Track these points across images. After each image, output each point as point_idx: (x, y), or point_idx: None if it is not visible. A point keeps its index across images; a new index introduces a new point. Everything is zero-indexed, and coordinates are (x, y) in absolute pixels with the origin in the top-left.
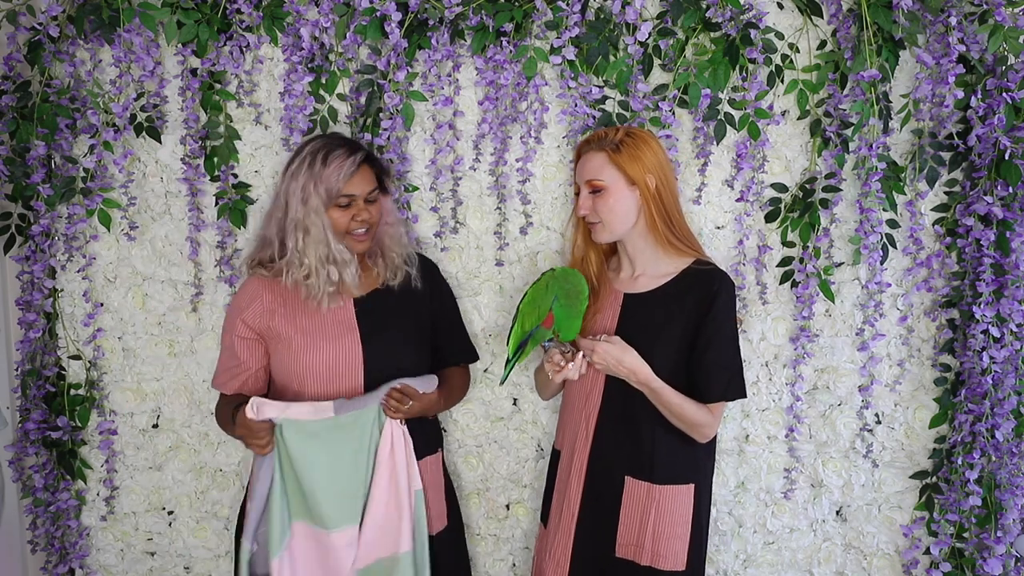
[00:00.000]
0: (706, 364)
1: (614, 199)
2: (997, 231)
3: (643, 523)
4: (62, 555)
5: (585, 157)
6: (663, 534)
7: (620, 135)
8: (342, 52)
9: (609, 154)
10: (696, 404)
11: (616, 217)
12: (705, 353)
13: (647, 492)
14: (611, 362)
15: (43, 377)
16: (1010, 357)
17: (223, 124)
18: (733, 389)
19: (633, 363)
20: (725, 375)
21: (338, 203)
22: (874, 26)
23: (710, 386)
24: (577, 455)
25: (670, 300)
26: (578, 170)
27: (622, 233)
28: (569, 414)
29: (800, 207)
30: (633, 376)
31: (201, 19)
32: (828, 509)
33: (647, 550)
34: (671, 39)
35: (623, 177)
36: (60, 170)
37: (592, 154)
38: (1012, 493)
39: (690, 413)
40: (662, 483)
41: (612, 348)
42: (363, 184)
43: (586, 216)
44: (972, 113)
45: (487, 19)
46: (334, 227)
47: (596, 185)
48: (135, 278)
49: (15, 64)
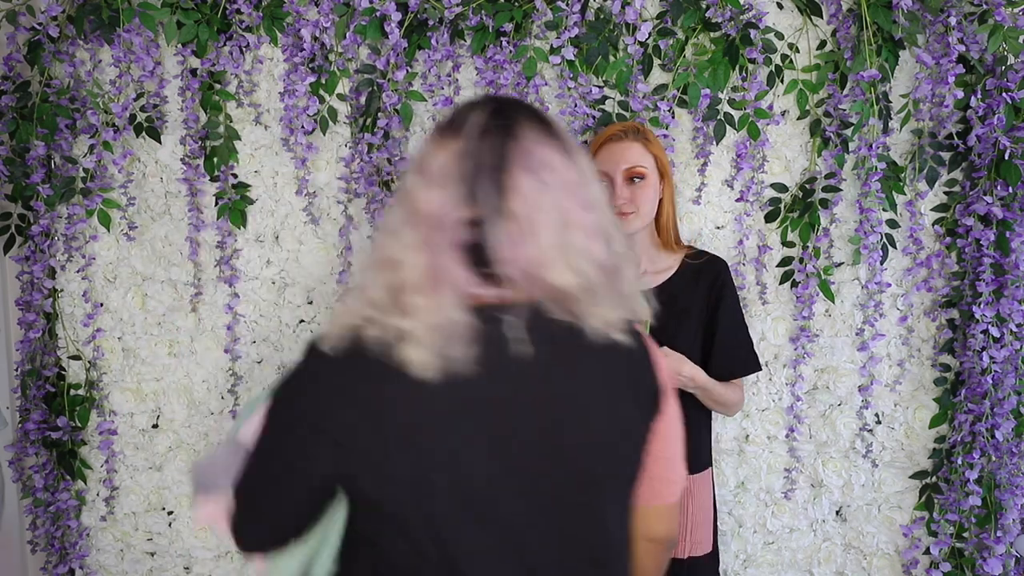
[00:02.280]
0: (726, 345)
1: (653, 189)
2: (997, 231)
3: (684, 517)
4: (62, 555)
5: (619, 146)
6: (698, 521)
7: (644, 129)
8: (342, 52)
9: (644, 144)
10: (731, 386)
11: (651, 207)
12: (724, 336)
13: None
14: (671, 375)
15: (43, 377)
16: (1010, 357)
17: (223, 124)
18: (751, 363)
19: (692, 371)
20: (742, 352)
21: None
22: (874, 26)
23: (733, 365)
24: None
25: (682, 292)
26: (606, 159)
27: (647, 224)
28: None
29: (800, 207)
30: (692, 383)
31: (201, 19)
32: (828, 509)
33: (687, 541)
34: (671, 39)
35: (657, 167)
36: (60, 170)
37: (628, 143)
38: (1012, 493)
39: (731, 396)
40: (694, 472)
41: (671, 361)
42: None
43: (622, 206)
44: (972, 113)
45: (487, 19)
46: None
47: (639, 172)
48: (135, 278)
49: (15, 64)
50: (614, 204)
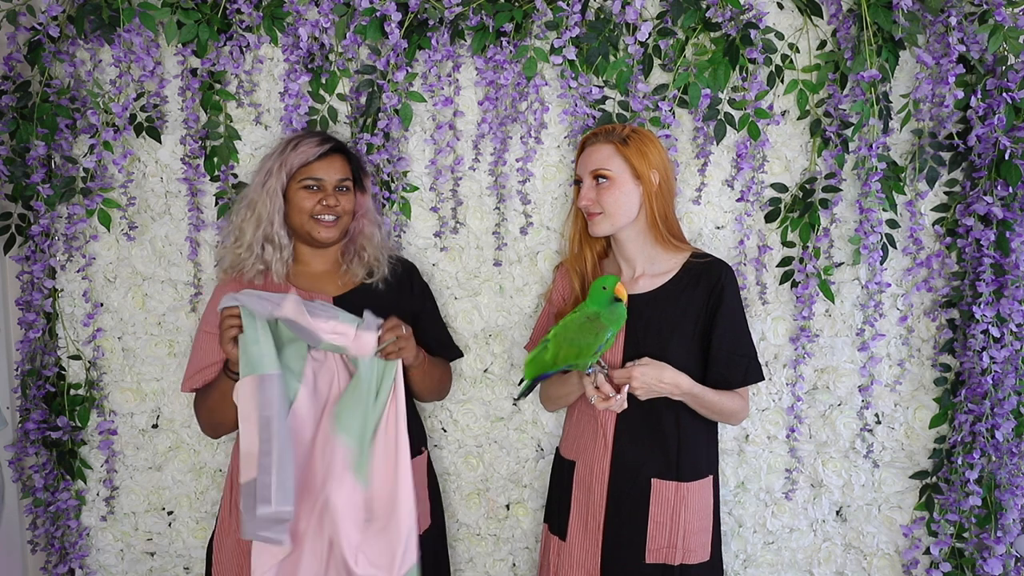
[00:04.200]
0: (725, 353)
1: (620, 191)
2: (997, 231)
3: (674, 523)
4: (62, 555)
5: (591, 148)
6: (692, 530)
7: (627, 131)
8: (342, 52)
9: (617, 146)
10: (728, 395)
11: (620, 209)
12: (723, 343)
13: (675, 492)
14: (652, 383)
15: (43, 377)
16: (1010, 357)
17: (223, 124)
18: (752, 374)
19: (673, 378)
20: (743, 361)
21: (304, 184)
22: (874, 26)
23: (732, 374)
24: (597, 464)
25: (678, 296)
26: (581, 161)
27: (622, 226)
28: (582, 424)
29: (800, 207)
30: (676, 390)
31: (201, 19)
32: (828, 509)
33: (679, 549)
34: (671, 39)
35: (630, 170)
36: (60, 170)
37: (599, 145)
38: (1012, 493)
39: (728, 404)
40: (689, 480)
41: (648, 370)
42: (331, 171)
43: (587, 206)
44: (972, 113)
45: (487, 19)
46: (298, 209)
47: (603, 173)
48: (135, 278)
49: (15, 64)
50: (579, 204)
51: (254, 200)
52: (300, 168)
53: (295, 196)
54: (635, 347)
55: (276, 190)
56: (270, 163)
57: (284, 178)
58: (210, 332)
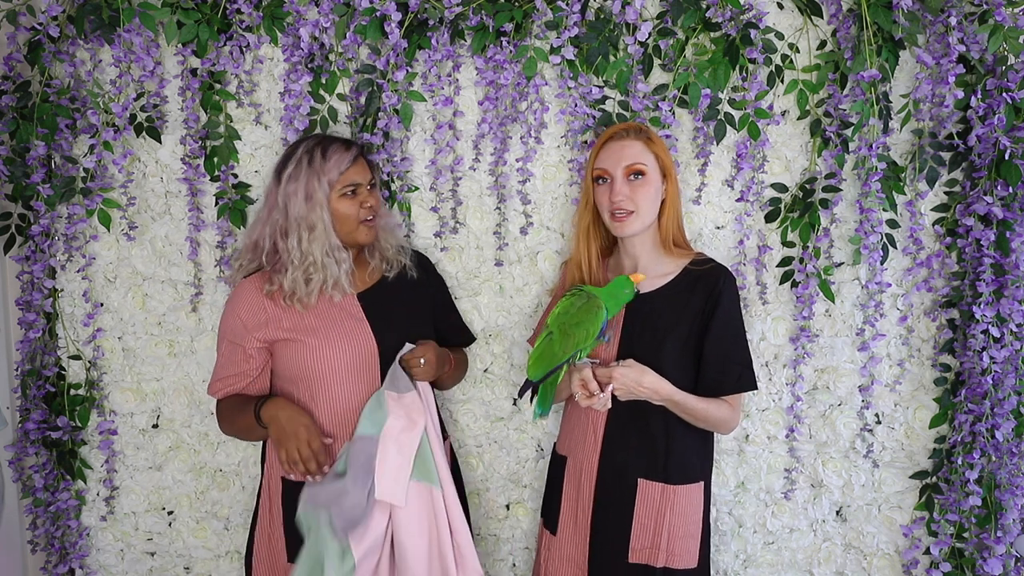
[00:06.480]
0: (717, 359)
1: (652, 188)
2: (997, 231)
3: (658, 524)
4: (62, 555)
5: (619, 144)
6: (678, 534)
7: (647, 129)
8: (342, 52)
9: (646, 142)
10: (716, 402)
11: (651, 207)
12: (716, 349)
13: (661, 493)
14: (631, 385)
15: (43, 377)
16: (1010, 357)
17: (223, 124)
18: (745, 382)
19: (653, 382)
20: (736, 369)
21: (343, 193)
22: (874, 26)
23: (723, 381)
24: (586, 461)
25: (676, 299)
26: (606, 157)
27: (648, 225)
28: (575, 420)
29: (800, 207)
30: (655, 395)
31: (201, 19)
32: (828, 509)
33: (663, 551)
34: (671, 39)
35: (659, 167)
36: (60, 170)
37: (629, 141)
38: (1012, 493)
39: (714, 413)
40: (676, 483)
41: (629, 372)
42: (363, 173)
43: (621, 203)
44: (972, 113)
45: (487, 19)
46: (345, 218)
47: (638, 169)
48: (135, 278)
49: (15, 64)
50: (612, 201)
51: (311, 221)
52: (339, 177)
53: (339, 206)
54: (630, 347)
55: (324, 204)
56: (304, 178)
57: (328, 189)
58: (234, 343)
